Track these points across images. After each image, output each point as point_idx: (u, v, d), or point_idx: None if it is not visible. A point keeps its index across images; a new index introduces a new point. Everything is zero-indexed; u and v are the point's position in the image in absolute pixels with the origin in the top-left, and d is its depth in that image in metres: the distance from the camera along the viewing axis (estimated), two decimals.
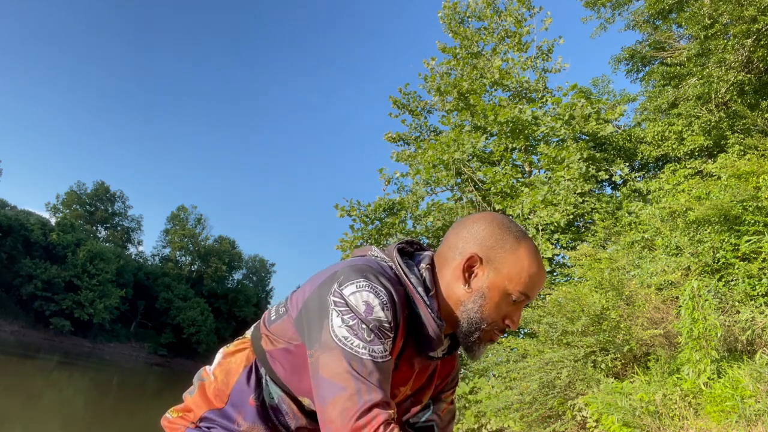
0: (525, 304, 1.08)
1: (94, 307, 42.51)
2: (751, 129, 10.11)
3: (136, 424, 13.42)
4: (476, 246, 1.06)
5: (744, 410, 4.34)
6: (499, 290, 1.04)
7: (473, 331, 1.06)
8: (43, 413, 12.70)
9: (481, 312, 1.05)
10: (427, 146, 11.74)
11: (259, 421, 1.10)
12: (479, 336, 1.06)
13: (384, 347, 0.96)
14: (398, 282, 1.05)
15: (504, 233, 1.07)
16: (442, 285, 1.09)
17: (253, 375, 1.11)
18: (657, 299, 6.40)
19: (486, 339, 1.08)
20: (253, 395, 1.10)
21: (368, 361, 0.93)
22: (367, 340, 0.94)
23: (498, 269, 1.04)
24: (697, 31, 10.81)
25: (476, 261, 1.05)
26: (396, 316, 1.00)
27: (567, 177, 10.04)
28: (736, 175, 6.98)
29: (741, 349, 5.46)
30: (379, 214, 11.75)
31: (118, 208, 59.92)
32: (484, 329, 1.06)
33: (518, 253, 1.05)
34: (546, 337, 6.96)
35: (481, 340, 1.07)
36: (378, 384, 0.92)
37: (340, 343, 0.94)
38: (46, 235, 42.65)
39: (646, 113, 13.13)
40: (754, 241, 6.02)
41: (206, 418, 1.13)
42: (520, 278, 1.04)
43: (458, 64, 13.23)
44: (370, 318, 0.96)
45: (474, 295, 1.05)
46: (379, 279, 1.00)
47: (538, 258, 1.07)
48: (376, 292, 0.98)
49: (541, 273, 1.07)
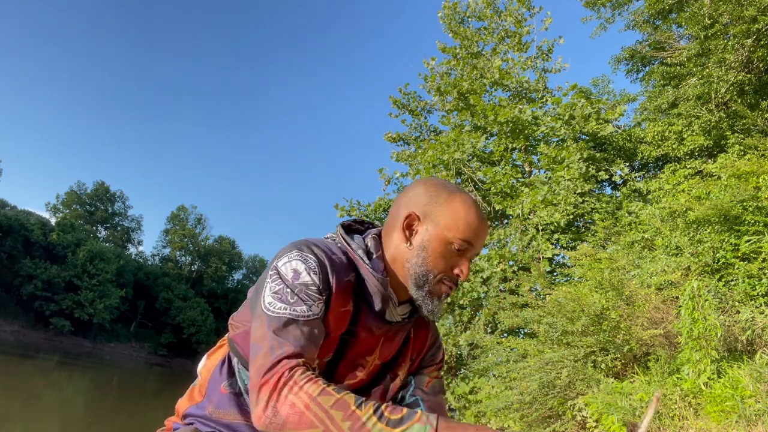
0: (471, 254, 1.12)
1: (94, 307, 42.51)
2: (751, 129, 10.11)
3: (136, 424, 13.43)
4: (413, 206, 1.12)
5: (744, 410, 4.34)
6: (439, 241, 1.08)
7: (422, 284, 1.09)
8: (43, 413, 12.70)
9: (425, 264, 1.08)
10: (427, 146, 11.74)
11: (228, 405, 1.13)
12: (429, 289, 1.09)
13: (308, 308, 1.01)
14: (342, 252, 1.12)
15: (438, 189, 1.12)
16: (389, 251, 1.14)
17: (225, 365, 1.17)
18: (657, 299, 6.40)
19: (437, 292, 1.10)
20: (225, 383, 1.16)
21: (287, 320, 0.98)
22: (290, 302, 1.00)
23: (436, 222, 1.09)
24: (697, 31, 10.81)
25: (414, 219, 1.11)
26: (327, 279, 1.05)
27: (567, 177, 10.04)
28: (736, 175, 6.98)
29: (741, 349, 5.46)
30: (379, 214, 11.76)
31: (118, 208, 59.95)
32: (432, 281, 1.09)
33: (453, 204, 1.10)
34: (546, 337, 6.96)
35: (432, 294, 1.10)
36: (293, 339, 0.97)
37: (266, 309, 1.01)
38: (46, 235, 42.66)
39: (646, 113, 13.13)
40: (754, 241, 6.02)
41: (188, 414, 1.19)
42: (458, 226, 1.08)
43: (458, 64, 13.23)
44: (296, 283, 1.02)
45: (416, 250, 1.09)
46: (311, 248, 1.06)
47: (475, 207, 1.12)
48: (304, 260, 1.04)
49: (480, 221, 1.11)
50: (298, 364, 0.95)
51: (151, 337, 51.49)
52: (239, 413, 1.13)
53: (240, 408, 1.13)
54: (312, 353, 0.99)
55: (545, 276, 8.73)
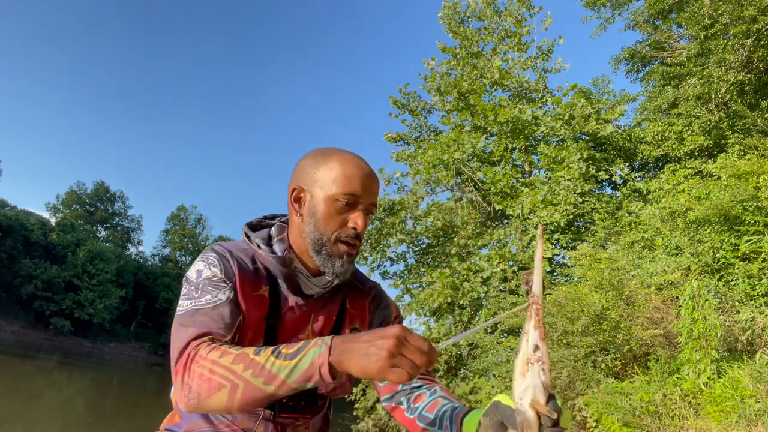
0: (364, 206, 1.12)
1: (94, 307, 42.47)
2: (751, 129, 10.11)
3: (136, 424, 13.42)
4: (296, 180, 1.16)
5: (744, 410, 4.34)
6: (324, 201, 1.11)
7: (319, 249, 1.12)
8: (43, 413, 12.70)
9: (317, 228, 1.11)
10: (427, 146, 11.74)
11: (197, 418, 1.18)
12: (328, 251, 1.11)
13: (212, 296, 1.07)
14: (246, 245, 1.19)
15: (315, 156, 1.16)
16: (291, 231, 1.18)
17: None
18: (657, 299, 6.40)
19: (337, 253, 1.12)
20: None
21: (192, 311, 1.04)
22: (194, 297, 1.07)
23: (317, 186, 1.12)
24: (697, 31, 10.81)
25: (299, 191, 1.15)
26: (228, 267, 1.11)
27: (567, 177, 10.04)
28: (736, 175, 6.98)
29: (741, 349, 5.46)
30: (379, 214, 11.75)
31: (118, 208, 59.92)
32: (328, 243, 1.11)
33: (329, 163, 1.13)
34: (546, 337, 6.95)
35: (331, 255, 1.11)
36: (199, 324, 1.02)
37: (176, 312, 1.07)
38: (46, 235, 42.64)
39: (646, 113, 13.13)
40: (754, 241, 6.02)
41: (168, 429, 1.22)
42: (338, 182, 1.10)
43: (458, 64, 13.23)
44: (199, 280, 1.09)
45: (307, 219, 1.13)
46: (212, 248, 1.15)
47: (353, 160, 1.13)
48: (205, 259, 1.12)
49: (360, 171, 1.12)
50: (204, 341, 0.99)
51: (151, 337, 51.46)
52: (206, 423, 1.17)
53: (206, 418, 1.17)
54: (222, 330, 1.03)
55: (545, 276, 8.72)
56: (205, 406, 0.94)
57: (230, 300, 1.08)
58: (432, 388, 1.19)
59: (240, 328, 1.10)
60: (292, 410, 1.16)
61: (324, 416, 1.29)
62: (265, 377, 0.89)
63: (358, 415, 10.24)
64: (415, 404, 1.16)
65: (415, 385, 1.19)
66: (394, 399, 1.21)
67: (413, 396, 1.18)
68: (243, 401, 0.91)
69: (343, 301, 1.24)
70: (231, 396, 0.91)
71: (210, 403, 0.93)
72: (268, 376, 0.89)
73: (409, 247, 12.05)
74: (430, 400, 1.14)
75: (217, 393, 0.92)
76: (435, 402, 1.12)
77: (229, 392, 0.91)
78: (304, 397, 1.17)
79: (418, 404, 1.15)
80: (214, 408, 0.93)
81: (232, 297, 1.09)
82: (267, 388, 0.89)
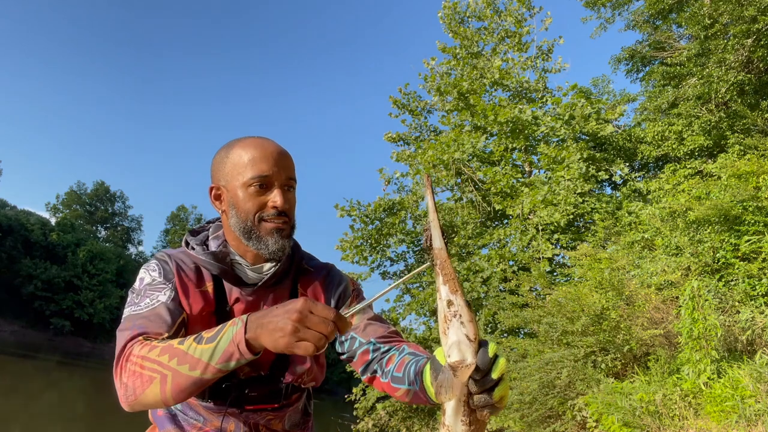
0: (279, 183, 1.15)
1: (94, 307, 42.46)
2: (751, 129, 10.11)
3: (136, 424, 13.38)
4: (212, 179, 1.21)
5: (744, 410, 4.34)
6: (236, 189, 1.14)
7: (247, 233, 1.15)
8: (43, 413, 12.69)
9: (239, 216, 1.15)
10: (427, 146, 11.73)
11: (168, 424, 1.21)
12: (256, 233, 1.14)
13: (151, 299, 1.10)
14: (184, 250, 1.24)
15: (220, 153, 1.19)
16: (225, 229, 1.22)
17: None
18: (657, 299, 6.40)
19: (266, 231, 1.14)
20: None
21: (130, 316, 1.08)
22: (135, 302, 1.11)
23: (227, 179, 1.16)
24: (697, 31, 10.81)
25: (216, 189, 1.19)
26: (167, 269, 1.16)
27: (567, 177, 10.04)
28: (736, 175, 6.98)
29: (741, 349, 5.46)
30: (379, 214, 11.75)
31: (118, 208, 59.93)
32: (253, 225, 1.14)
33: (231, 154, 1.16)
34: (546, 337, 6.96)
35: (261, 236, 1.14)
36: (137, 326, 1.05)
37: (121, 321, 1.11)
38: (46, 235, 42.62)
39: (646, 113, 13.12)
40: (754, 241, 6.02)
41: None
42: (245, 167, 1.13)
43: (458, 64, 13.22)
44: (141, 287, 1.14)
45: (229, 211, 1.16)
46: (154, 256, 1.21)
47: (257, 142, 1.16)
48: (146, 268, 1.18)
49: (265, 151, 1.14)
50: (138, 340, 1.01)
51: None
52: (175, 427, 1.21)
53: (176, 424, 1.21)
54: (159, 328, 1.05)
55: (545, 276, 8.72)
56: (143, 401, 0.96)
57: (170, 299, 1.11)
58: (400, 347, 1.18)
59: (186, 324, 1.13)
60: (256, 401, 1.17)
61: (302, 409, 1.29)
62: (189, 363, 0.90)
63: (358, 415, 10.24)
64: (387, 367, 1.16)
65: (384, 349, 1.18)
66: (369, 369, 1.20)
67: (384, 360, 1.17)
68: (174, 390, 0.92)
69: (294, 285, 1.25)
70: (162, 387, 0.92)
71: (145, 398, 0.95)
72: (192, 362, 0.90)
73: (409, 247, 12.05)
74: (399, 360, 1.14)
75: (149, 386, 0.93)
76: (402, 360, 1.12)
77: (160, 384, 0.92)
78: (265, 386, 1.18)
79: (389, 367, 1.15)
80: (151, 402, 0.95)
81: (172, 296, 1.12)
82: (193, 374, 0.90)
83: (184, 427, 1.19)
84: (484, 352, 0.77)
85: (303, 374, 1.23)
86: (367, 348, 1.20)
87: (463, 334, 0.77)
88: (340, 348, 1.25)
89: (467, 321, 0.78)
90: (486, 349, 0.78)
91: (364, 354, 1.20)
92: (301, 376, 1.23)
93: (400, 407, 9.93)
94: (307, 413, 1.31)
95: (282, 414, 1.23)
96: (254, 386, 1.16)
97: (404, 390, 1.09)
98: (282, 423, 1.24)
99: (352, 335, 1.22)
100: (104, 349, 44.90)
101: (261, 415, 1.19)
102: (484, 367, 0.76)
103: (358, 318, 1.23)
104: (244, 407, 1.16)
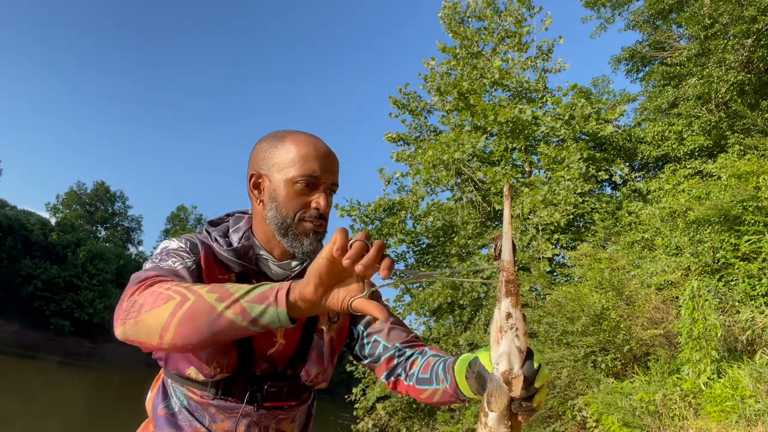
0: (325, 186, 1.13)
1: (94, 307, 42.45)
2: (751, 129, 10.10)
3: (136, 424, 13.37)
4: (253, 166, 1.16)
5: (744, 410, 4.34)
6: (283, 184, 1.11)
7: (285, 231, 1.12)
8: (43, 413, 12.69)
9: (279, 211, 1.11)
10: (427, 146, 11.73)
11: (166, 425, 1.15)
12: (294, 232, 1.11)
13: (174, 262, 1.06)
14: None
15: (269, 140, 1.15)
16: (255, 218, 1.18)
17: (161, 389, 1.19)
18: (657, 299, 6.40)
19: (303, 231, 1.12)
20: (161, 405, 1.17)
21: (154, 267, 1.03)
22: (155, 262, 1.06)
23: (274, 170, 1.12)
24: (697, 31, 10.81)
25: (257, 177, 1.15)
26: (194, 245, 1.12)
27: (567, 177, 10.04)
28: (736, 175, 6.98)
29: (741, 349, 5.46)
30: (379, 214, 11.74)
31: (118, 208, 59.92)
32: (292, 224, 1.11)
33: (283, 146, 1.12)
34: (546, 337, 6.96)
35: (299, 233, 1.12)
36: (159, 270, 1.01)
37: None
38: (46, 235, 42.61)
39: (646, 113, 13.12)
40: (754, 241, 6.02)
41: None
42: (295, 163, 1.10)
43: (458, 64, 13.22)
44: (164, 252, 1.09)
45: (269, 204, 1.13)
46: (181, 236, 1.16)
47: (310, 140, 1.13)
48: (170, 240, 1.14)
49: (315, 151, 1.12)
50: (166, 279, 0.97)
51: None
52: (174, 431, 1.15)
53: (175, 426, 1.14)
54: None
55: (545, 276, 8.72)
56: (141, 324, 0.89)
57: (191, 270, 1.06)
58: (422, 350, 1.19)
59: None
60: (275, 397, 1.14)
61: (307, 410, 1.28)
62: (219, 293, 0.86)
63: (358, 415, 10.24)
64: (411, 370, 1.16)
65: (408, 354, 1.19)
66: (393, 374, 1.20)
67: (408, 364, 1.18)
68: (186, 317, 0.86)
69: None
70: (176, 309, 0.86)
71: (149, 318, 0.88)
72: (222, 293, 0.86)
73: (409, 247, 12.05)
74: (423, 362, 1.14)
75: (163, 305, 0.88)
76: (427, 362, 1.13)
77: (176, 305, 0.87)
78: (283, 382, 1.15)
79: (414, 369, 1.15)
80: (152, 326, 0.88)
81: (194, 268, 1.07)
82: (217, 305, 0.85)
83: (183, 430, 1.14)
84: (530, 364, 0.80)
85: (318, 374, 1.21)
86: (392, 353, 1.20)
87: (515, 346, 0.80)
88: (361, 352, 1.25)
89: (522, 335, 0.81)
90: (532, 360, 0.81)
91: (390, 360, 1.20)
92: (317, 376, 1.22)
93: (400, 407, 9.93)
94: (311, 414, 1.31)
95: (294, 414, 1.21)
96: (273, 382, 1.14)
97: (431, 390, 1.09)
98: (293, 424, 1.22)
99: (375, 338, 1.22)
100: (104, 349, 44.88)
101: (273, 414, 1.16)
102: (530, 378, 0.79)
103: (381, 322, 1.23)
104: (263, 404, 1.13)
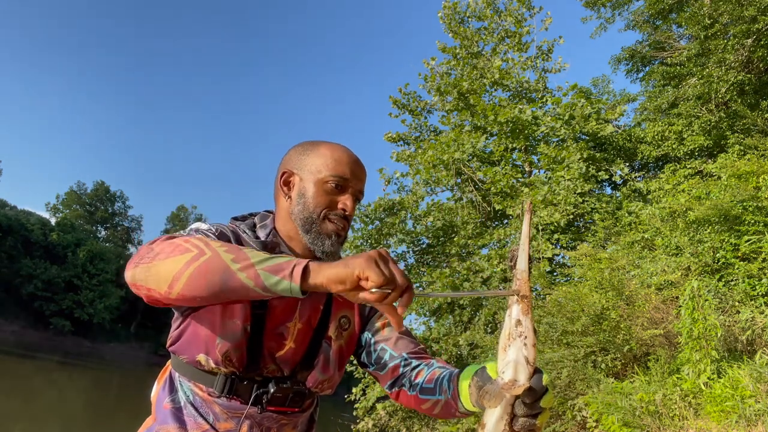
0: (353, 190, 1.17)
1: (94, 307, 42.45)
2: (751, 129, 10.10)
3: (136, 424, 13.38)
4: (286, 165, 1.20)
5: (744, 410, 4.34)
6: (313, 183, 1.15)
7: (309, 227, 1.14)
8: (43, 413, 12.69)
9: (306, 208, 1.15)
10: (427, 146, 11.73)
11: (170, 419, 1.12)
12: (317, 230, 1.14)
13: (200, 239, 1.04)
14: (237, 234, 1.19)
15: (305, 144, 1.21)
16: (279, 214, 1.21)
17: (167, 382, 1.19)
18: (657, 299, 6.40)
19: (326, 231, 1.14)
20: (167, 399, 1.16)
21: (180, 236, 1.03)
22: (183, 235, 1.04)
23: (307, 169, 1.16)
24: (697, 31, 10.81)
25: (288, 174, 1.19)
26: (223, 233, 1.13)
27: (567, 177, 10.04)
28: (736, 175, 6.98)
29: (741, 349, 5.46)
30: (379, 214, 11.74)
31: (118, 208, 59.89)
32: (317, 221, 1.14)
33: (318, 150, 1.18)
34: (546, 337, 6.96)
35: (321, 233, 1.14)
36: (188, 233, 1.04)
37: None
38: (46, 235, 42.61)
39: (646, 113, 13.12)
40: (754, 241, 6.02)
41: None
42: (327, 165, 1.15)
43: (458, 64, 13.22)
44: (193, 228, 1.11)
45: (296, 199, 1.16)
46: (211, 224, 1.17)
47: (343, 148, 1.19)
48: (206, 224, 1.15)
49: (348, 157, 1.17)
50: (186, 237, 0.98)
51: (151, 337, 51.37)
52: (178, 426, 1.12)
53: (179, 421, 1.12)
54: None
55: (545, 276, 8.73)
56: (153, 269, 0.91)
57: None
58: (429, 362, 1.20)
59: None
60: (279, 402, 1.13)
61: (310, 417, 1.27)
62: (235, 255, 0.88)
63: (358, 415, 10.24)
64: (416, 380, 1.16)
65: (414, 364, 1.20)
66: (397, 383, 1.20)
67: (413, 374, 1.18)
68: (199, 270, 0.87)
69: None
70: (190, 262, 0.88)
71: (161, 266, 0.90)
72: (239, 255, 0.88)
73: (409, 247, 12.05)
74: (428, 372, 1.15)
75: (177, 255, 0.90)
76: (432, 373, 1.13)
77: (192, 257, 0.89)
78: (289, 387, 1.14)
79: (418, 380, 1.16)
80: (163, 273, 0.90)
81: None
82: (232, 265, 0.86)
83: (187, 424, 1.12)
84: (539, 378, 0.79)
85: (324, 381, 1.20)
86: (398, 363, 1.21)
87: (522, 356, 0.79)
88: (368, 359, 1.24)
89: (530, 345, 0.80)
90: (541, 376, 0.80)
91: (395, 369, 1.20)
92: (322, 383, 1.20)
93: (400, 407, 9.93)
94: (314, 421, 1.30)
95: (296, 419, 1.20)
96: (279, 386, 1.13)
97: (433, 401, 1.10)
98: (295, 430, 1.21)
99: (382, 346, 1.23)
100: (104, 349, 44.91)
101: (276, 418, 1.15)
102: (538, 392, 0.78)
103: (389, 330, 1.23)
104: (267, 408, 1.12)
